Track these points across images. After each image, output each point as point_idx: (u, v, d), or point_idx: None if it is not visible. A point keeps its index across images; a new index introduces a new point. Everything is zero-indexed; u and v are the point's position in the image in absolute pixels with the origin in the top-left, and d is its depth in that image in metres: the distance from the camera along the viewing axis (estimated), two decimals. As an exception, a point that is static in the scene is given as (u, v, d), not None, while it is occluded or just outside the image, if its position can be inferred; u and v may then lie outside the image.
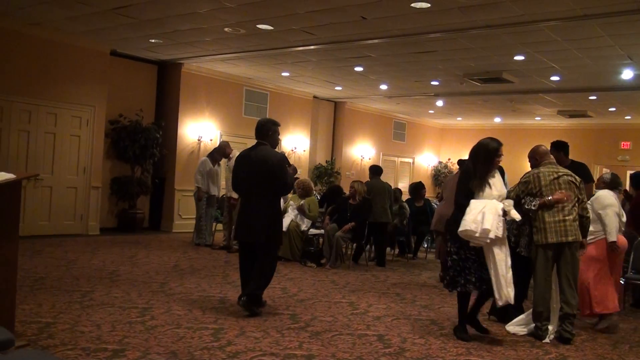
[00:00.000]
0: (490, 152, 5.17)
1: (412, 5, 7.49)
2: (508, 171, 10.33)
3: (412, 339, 5.13)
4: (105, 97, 11.12)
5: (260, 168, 5.70)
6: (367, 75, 12.66)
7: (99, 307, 5.52)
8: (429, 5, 7.45)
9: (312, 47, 10.17)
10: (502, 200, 5.14)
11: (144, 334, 4.75)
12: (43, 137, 10.27)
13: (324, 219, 9.50)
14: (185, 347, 4.46)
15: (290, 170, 6.02)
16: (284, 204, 9.17)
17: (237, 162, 6.05)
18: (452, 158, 20.65)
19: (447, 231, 5.40)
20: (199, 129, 12.81)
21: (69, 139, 10.64)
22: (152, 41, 10.48)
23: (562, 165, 6.15)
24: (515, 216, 5.09)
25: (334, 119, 17.20)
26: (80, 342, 4.43)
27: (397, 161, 19.33)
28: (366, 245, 9.76)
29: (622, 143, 17.35)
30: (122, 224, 11.84)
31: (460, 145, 20.72)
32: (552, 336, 5.33)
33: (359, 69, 11.93)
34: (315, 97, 15.89)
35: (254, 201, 5.78)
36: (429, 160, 20.71)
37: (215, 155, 10.36)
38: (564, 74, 11.21)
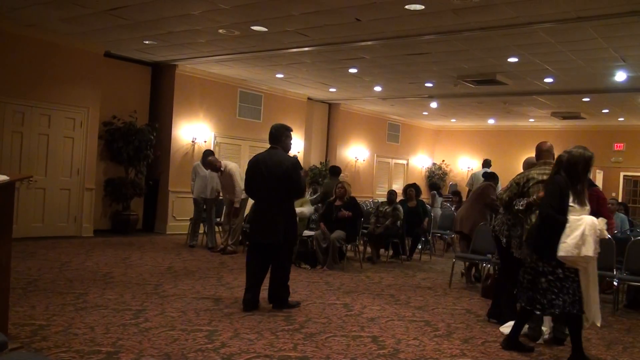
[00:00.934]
0: (589, 162, 4.85)
1: (406, 7, 7.50)
2: (501, 173, 10.44)
3: (406, 340, 5.13)
4: (99, 99, 11.09)
5: (276, 171, 5.90)
6: (362, 77, 12.67)
7: (93, 309, 5.50)
8: (423, 7, 7.47)
9: (306, 49, 10.18)
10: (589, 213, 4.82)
11: (138, 336, 4.74)
12: (37, 139, 10.23)
13: (319, 225, 9.48)
14: (179, 349, 4.45)
15: (302, 173, 6.27)
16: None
17: (251, 165, 6.18)
18: (446, 159, 20.73)
19: (535, 250, 4.87)
20: (193, 131, 12.79)
21: (62, 141, 10.60)
22: (146, 42, 10.46)
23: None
24: (606, 235, 4.81)
25: (328, 121, 17.22)
26: (74, 344, 4.41)
27: (392, 162, 19.36)
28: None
29: (616, 144, 17.47)
30: (115, 226, 11.81)
31: (454, 147, 20.82)
32: (545, 337, 5.35)
33: (353, 70, 11.94)
34: (309, 98, 15.91)
35: (269, 204, 5.98)
36: (423, 162, 20.75)
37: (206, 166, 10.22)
38: (558, 76, 11.25)
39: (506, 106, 15.21)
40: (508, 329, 5.53)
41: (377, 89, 14.06)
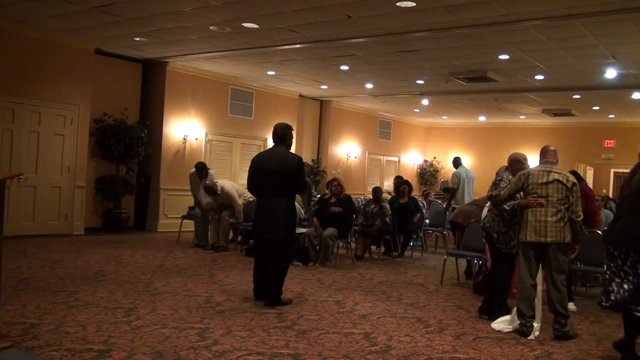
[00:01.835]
0: None
1: (398, 4, 7.51)
2: (492, 170, 10.44)
3: (398, 336, 5.14)
4: (89, 96, 11.04)
5: (281, 168, 6.03)
6: (353, 74, 12.67)
7: (84, 308, 5.48)
8: (414, 4, 7.48)
9: (297, 46, 10.17)
10: None
11: (130, 334, 4.73)
12: (27, 136, 10.17)
13: (312, 221, 9.46)
14: (171, 347, 4.44)
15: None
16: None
17: (255, 163, 6.31)
18: (438, 156, 20.78)
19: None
20: (184, 128, 12.75)
21: (53, 138, 10.54)
22: (137, 39, 10.41)
23: None
24: None
25: (320, 118, 17.22)
26: (66, 342, 4.40)
27: (383, 160, 19.38)
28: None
29: (606, 141, 17.55)
30: (107, 224, 11.77)
31: (445, 144, 20.87)
32: (537, 333, 5.37)
33: (344, 67, 11.94)
34: (301, 95, 15.90)
35: (272, 199, 6.06)
36: (415, 159, 20.79)
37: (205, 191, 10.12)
38: (549, 73, 11.29)
39: (497, 103, 15.25)
40: (499, 325, 5.57)
41: (369, 86, 14.07)
